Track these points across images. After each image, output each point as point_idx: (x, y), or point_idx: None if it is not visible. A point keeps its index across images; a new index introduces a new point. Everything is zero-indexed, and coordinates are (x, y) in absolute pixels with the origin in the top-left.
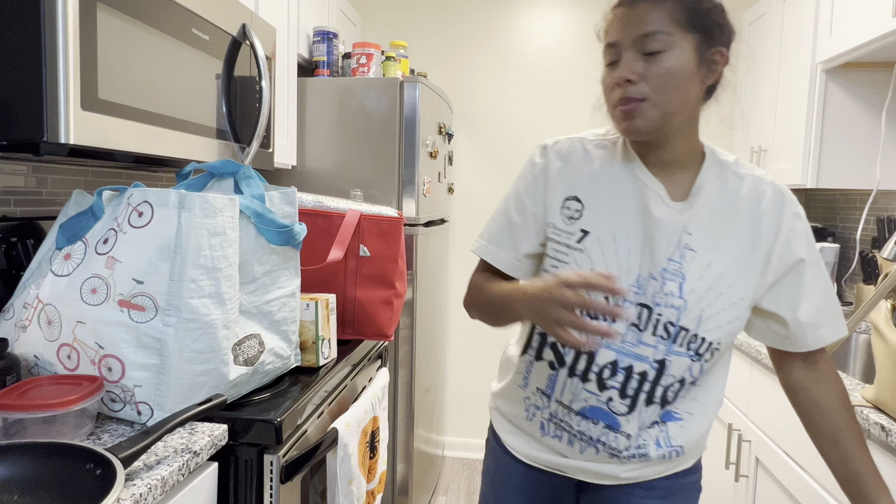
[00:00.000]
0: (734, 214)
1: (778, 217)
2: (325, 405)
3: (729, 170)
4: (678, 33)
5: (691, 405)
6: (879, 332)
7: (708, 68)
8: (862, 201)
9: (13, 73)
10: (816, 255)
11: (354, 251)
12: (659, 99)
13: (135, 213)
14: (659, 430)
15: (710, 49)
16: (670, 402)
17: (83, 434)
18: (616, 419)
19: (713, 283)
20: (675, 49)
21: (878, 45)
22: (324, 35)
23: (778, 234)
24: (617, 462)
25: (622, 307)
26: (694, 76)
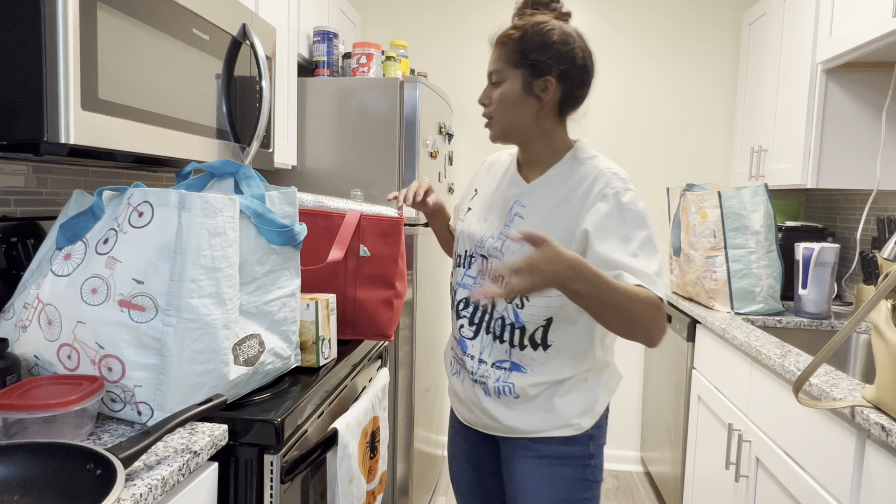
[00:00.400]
0: (563, 193)
1: (587, 195)
2: (325, 405)
3: (579, 162)
4: (508, 70)
5: (535, 366)
6: (879, 332)
7: (535, 95)
8: (862, 201)
9: (13, 73)
10: (606, 230)
11: (355, 251)
12: (498, 117)
13: (135, 213)
14: (504, 373)
15: (537, 79)
16: (511, 341)
17: (83, 434)
18: (465, 343)
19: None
20: (507, 81)
21: (878, 45)
22: (324, 35)
23: (583, 208)
24: (479, 398)
25: (476, 258)
26: (522, 100)
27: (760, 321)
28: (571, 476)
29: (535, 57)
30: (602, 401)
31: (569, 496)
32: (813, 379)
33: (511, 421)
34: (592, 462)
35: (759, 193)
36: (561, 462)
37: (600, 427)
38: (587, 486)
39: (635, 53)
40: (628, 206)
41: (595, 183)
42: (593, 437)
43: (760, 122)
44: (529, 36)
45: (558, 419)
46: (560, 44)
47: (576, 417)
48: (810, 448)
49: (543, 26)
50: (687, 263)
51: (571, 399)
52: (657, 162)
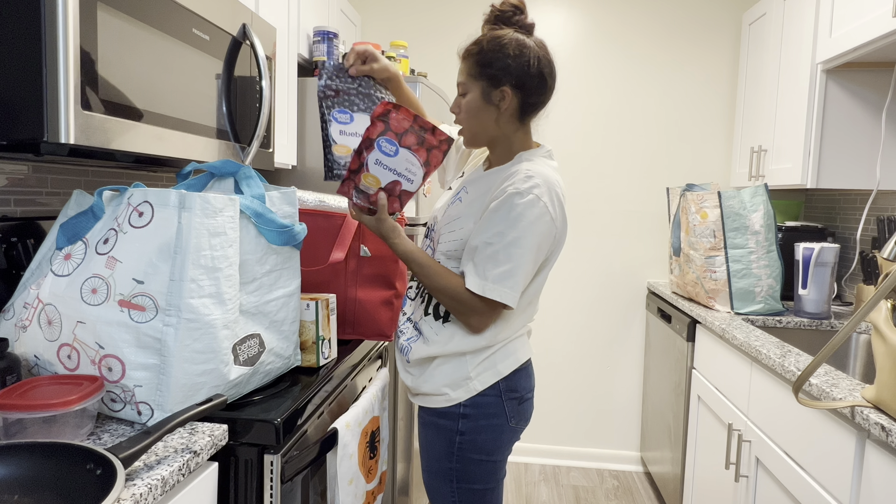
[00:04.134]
0: (494, 184)
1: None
2: (325, 405)
3: (518, 161)
4: (471, 82)
5: (429, 333)
6: (879, 332)
7: (493, 104)
8: (862, 201)
9: (13, 73)
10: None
11: (355, 251)
12: (465, 125)
13: (135, 213)
14: (413, 332)
15: (495, 90)
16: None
17: (83, 434)
18: (406, 301)
19: (451, 221)
20: (470, 92)
21: (878, 45)
22: (324, 35)
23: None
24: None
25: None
26: (483, 109)
27: (760, 321)
28: (438, 443)
29: (491, 69)
30: (479, 377)
31: (435, 462)
32: (813, 379)
33: (407, 380)
34: (460, 437)
35: (759, 193)
36: (432, 428)
37: (481, 407)
38: (450, 457)
39: (635, 53)
40: (514, 205)
41: (509, 178)
42: (466, 415)
43: (760, 122)
44: (486, 50)
45: (429, 386)
46: (515, 56)
47: (445, 387)
48: (810, 448)
49: (500, 40)
50: (687, 263)
51: (444, 370)
52: (657, 162)
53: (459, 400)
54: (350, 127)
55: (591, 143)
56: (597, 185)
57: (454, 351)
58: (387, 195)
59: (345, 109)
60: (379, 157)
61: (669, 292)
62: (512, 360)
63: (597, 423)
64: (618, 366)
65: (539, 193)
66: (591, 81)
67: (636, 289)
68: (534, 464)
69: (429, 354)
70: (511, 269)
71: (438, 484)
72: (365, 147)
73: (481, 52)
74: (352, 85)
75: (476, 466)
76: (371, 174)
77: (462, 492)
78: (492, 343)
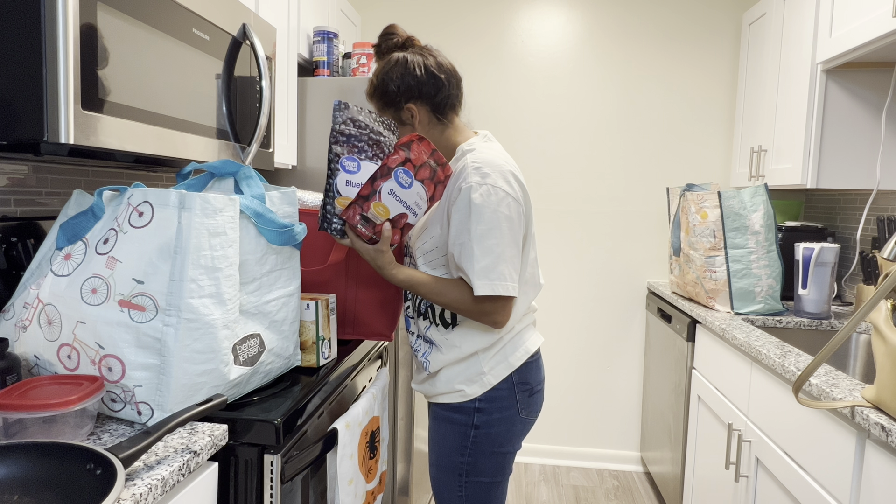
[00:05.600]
0: (449, 191)
1: (455, 188)
2: (325, 405)
3: (461, 156)
4: (385, 112)
5: (442, 342)
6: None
7: (409, 122)
8: (862, 201)
9: (13, 73)
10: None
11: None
12: None
13: (135, 213)
14: (427, 346)
15: (401, 113)
16: (428, 318)
17: (83, 434)
18: (409, 321)
19: (422, 232)
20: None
21: (878, 45)
22: (324, 35)
23: (450, 199)
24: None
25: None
26: (406, 131)
27: (760, 321)
28: (452, 438)
29: (388, 96)
30: (492, 371)
31: (446, 457)
32: (813, 379)
33: (423, 388)
34: (475, 431)
35: (759, 193)
36: (445, 423)
37: (495, 401)
38: (463, 451)
39: (635, 53)
40: (472, 200)
41: (459, 176)
42: (481, 409)
43: (760, 122)
44: (377, 84)
45: (445, 385)
46: (401, 76)
47: (461, 384)
48: (810, 448)
49: (382, 69)
50: (687, 263)
51: (458, 369)
52: (657, 162)
53: (475, 395)
54: (356, 177)
55: (592, 143)
56: (597, 186)
57: (469, 352)
58: (391, 226)
59: (353, 157)
60: (393, 188)
61: (669, 292)
62: (522, 351)
63: (597, 423)
64: (618, 366)
65: (492, 181)
66: (591, 81)
67: (636, 289)
68: (534, 464)
69: (448, 361)
70: (491, 261)
71: (447, 478)
72: (381, 174)
73: (374, 87)
74: (364, 130)
75: (487, 459)
76: (382, 203)
77: (470, 485)
78: (503, 334)
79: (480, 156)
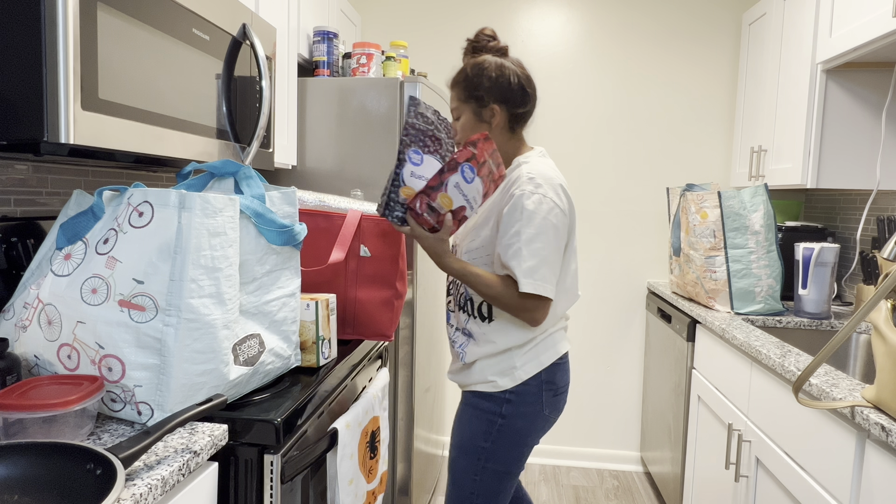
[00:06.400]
0: (501, 190)
1: (507, 193)
2: (325, 405)
3: (516, 166)
4: (462, 106)
5: (479, 335)
6: (879, 332)
7: (486, 122)
8: (862, 201)
9: (13, 73)
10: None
11: (355, 251)
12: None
13: (135, 213)
14: (465, 339)
15: (483, 110)
16: (467, 311)
17: (83, 434)
18: (450, 314)
19: (468, 232)
20: (463, 115)
21: (878, 45)
22: (324, 35)
23: (502, 202)
24: (453, 358)
25: None
26: (477, 127)
27: (760, 321)
28: (477, 423)
29: (478, 91)
30: (524, 367)
31: (469, 440)
32: (813, 379)
33: (458, 378)
34: (501, 421)
35: (759, 193)
36: (474, 409)
37: (522, 395)
38: (487, 436)
39: (635, 53)
40: (525, 206)
41: (514, 184)
42: (510, 401)
43: (760, 122)
44: (471, 76)
45: (479, 376)
46: (496, 76)
47: (493, 376)
48: (810, 448)
49: (481, 65)
50: (687, 263)
51: (492, 361)
52: (657, 162)
53: (505, 387)
54: (419, 169)
55: (591, 143)
56: (597, 185)
57: (504, 347)
58: (452, 217)
59: (419, 150)
60: (459, 181)
61: (669, 292)
62: (552, 352)
63: (597, 423)
64: (618, 366)
65: (543, 192)
66: (591, 81)
67: (636, 289)
68: (534, 464)
69: (483, 354)
70: (536, 263)
71: (466, 461)
72: (449, 168)
73: (466, 78)
74: (430, 126)
75: (507, 450)
76: (447, 195)
77: (486, 471)
78: (536, 334)
79: (534, 168)
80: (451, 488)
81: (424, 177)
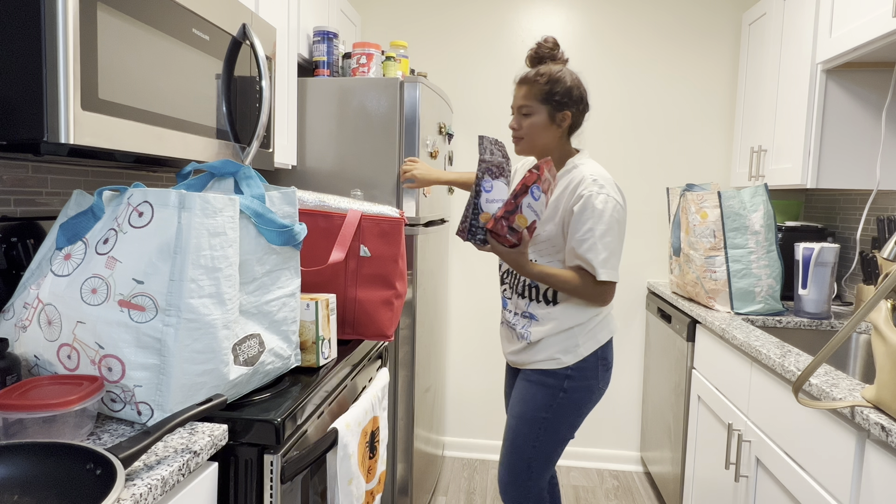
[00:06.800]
0: (560, 190)
1: (574, 193)
2: (325, 405)
3: (573, 167)
4: (537, 105)
5: (543, 316)
6: (879, 332)
7: (558, 124)
8: (862, 201)
9: (13, 73)
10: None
11: (355, 251)
12: (529, 139)
13: (135, 213)
14: (526, 321)
15: (559, 114)
16: (530, 297)
17: (83, 434)
18: (506, 301)
19: (539, 227)
20: (536, 114)
21: (878, 45)
22: (324, 35)
23: (570, 202)
24: (512, 340)
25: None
26: (548, 127)
27: (760, 321)
28: (541, 397)
29: (557, 96)
30: (585, 345)
31: (531, 411)
32: (813, 379)
33: (521, 357)
34: (562, 395)
35: (758, 193)
36: (537, 385)
37: (583, 370)
38: (549, 408)
39: (635, 53)
40: (594, 205)
41: (579, 185)
42: (571, 376)
43: (760, 121)
44: (552, 82)
45: (544, 354)
46: (572, 87)
47: (558, 353)
48: (810, 448)
49: (561, 74)
50: (687, 263)
51: (556, 340)
52: (657, 162)
53: (568, 364)
54: (491, 195)
55: (591, 143)
56: None
57: (567, 326)
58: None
59: (489, 179)
60: (530, 202)
61: (669, 292)
62: (606, 331)
63: (597, 423)
64: (618, 366)
65: (607, 191)
66: (591, 81)
67: (636, 289)
68: None
69: (548, 332)
70: (608, 255)
71: (527, 429)
72: (520, 192)
73: (549, 82)
74: (495, 156)
75: (565, 419)
76: (523, 215)
77: (544, 439)
78: (596, 315)
79: (594, 170)
80: (511, 455)
81: (496, 200)
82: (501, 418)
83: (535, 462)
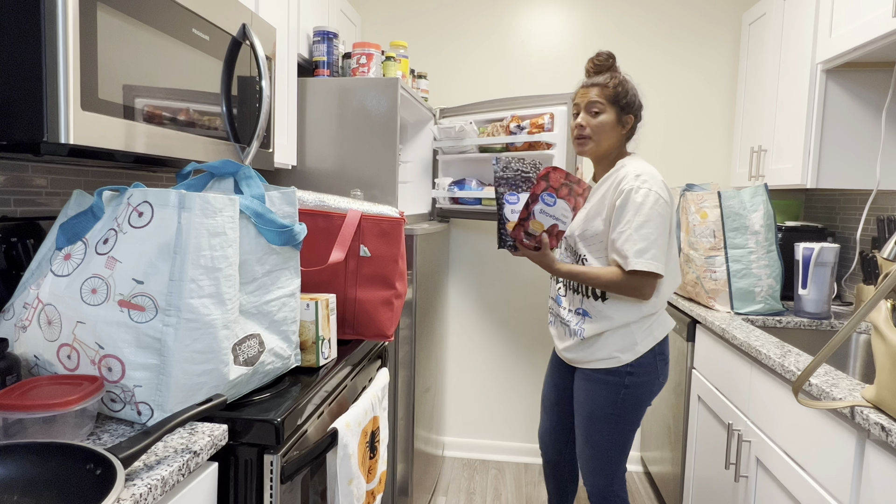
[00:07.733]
0: (607, 186)
1: (616, 188)
2: (325, 405)
3: (622, 165)
4: (607, 106)
5: (595, 313)
6: (879, 332)
7: (622, 126)
8: (862, 201)
9: (13, 73)
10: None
11: (355, 251)
12: (596, 138)
13: (135, 213)
14: (579, 318)
15: (624, 116)
16: (584, 294)
17: (83, 434)
18: (560, 298)
19: (583, 222)
20: (605, 114)
21: (878, 45)
22: (324, 35)
23: (612, 196)
24: (564, 337)
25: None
26: (615, 128)
27: (760, 321)
28: (605, 395)
29: (625, 100)
30: (643, 342)
31: (599, 409)
32: (813, 379)
33: (578, 355)
34: (624, 390)
35: (758, 193)
36: (600, 384)
37: (642, 366)
38: (614, 405)
39: (635, 53)
40: (634, 199)
41: (622, 180)
42: (632, 373)
43: (760, 122)
44: (622, 87)
45: (603, 353)
46: (634, 94)
47: (616, 352)
48: (810, 448)
49: (627, 81)
50: (687, 263)
51: (614, 338)
52: (657, 161)
53: (628, 361)
54: (517, 206)
55: None
56: None
57: (622, 322)
58: (548, 235)
59: (514, 192)
60: (542, 208)
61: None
62: (663, 328)
63: None
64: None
65: (649, 186)
66: None
67: None
68: (534, 464)
69: (602, 329)
70: (646, 245)
71: (600, 425)
72: (531, 201)
73: (618, 85)
74: (517, 172)
75: (631, 412)
76: (537, 220)
77: (617, 431)
78: (651, 312)
79: (639, 167)
80: (590, 450)
81: (518, 210)
82: (501, 418)
83: (612, 450)
